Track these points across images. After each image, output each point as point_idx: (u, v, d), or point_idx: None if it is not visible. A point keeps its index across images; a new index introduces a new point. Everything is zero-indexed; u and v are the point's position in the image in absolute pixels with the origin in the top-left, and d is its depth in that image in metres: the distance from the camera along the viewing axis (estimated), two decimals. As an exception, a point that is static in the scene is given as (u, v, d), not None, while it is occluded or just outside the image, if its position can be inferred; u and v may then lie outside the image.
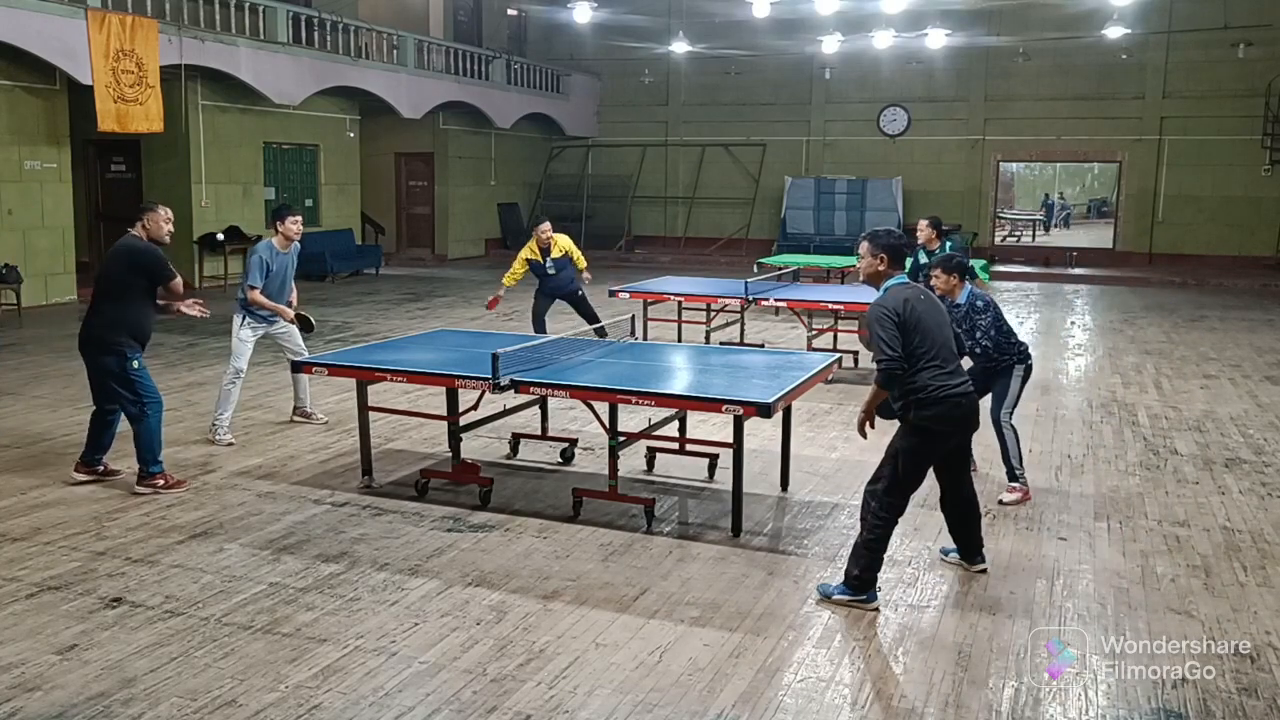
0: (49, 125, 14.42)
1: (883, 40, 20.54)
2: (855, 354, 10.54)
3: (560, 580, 5.01)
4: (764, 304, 10.46)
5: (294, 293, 7.94)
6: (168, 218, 6.30)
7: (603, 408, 5.80)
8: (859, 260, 4.89)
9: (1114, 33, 19.56)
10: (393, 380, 6.32)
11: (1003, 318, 6.28)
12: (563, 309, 10.65)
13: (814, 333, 10.60)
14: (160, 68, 14.20)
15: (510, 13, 25.17)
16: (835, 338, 10.86)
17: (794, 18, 20.71)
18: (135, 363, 6.18)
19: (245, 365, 7.54)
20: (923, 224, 8.69)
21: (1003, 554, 5.38)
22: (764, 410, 5.26)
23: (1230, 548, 5.56)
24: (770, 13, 17.92)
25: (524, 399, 6.80)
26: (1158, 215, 21.96)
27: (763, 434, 7.23)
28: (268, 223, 8.17)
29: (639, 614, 4.63)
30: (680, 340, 10.98)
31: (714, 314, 11.16)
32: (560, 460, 7.07)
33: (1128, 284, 19.59)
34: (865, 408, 4.81)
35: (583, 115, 25.35)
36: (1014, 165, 29.83)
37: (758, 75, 24.13)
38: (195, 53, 15.00)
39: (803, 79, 23.85)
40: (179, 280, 6.37)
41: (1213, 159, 21.22)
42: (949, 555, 5.27)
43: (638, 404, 5.60)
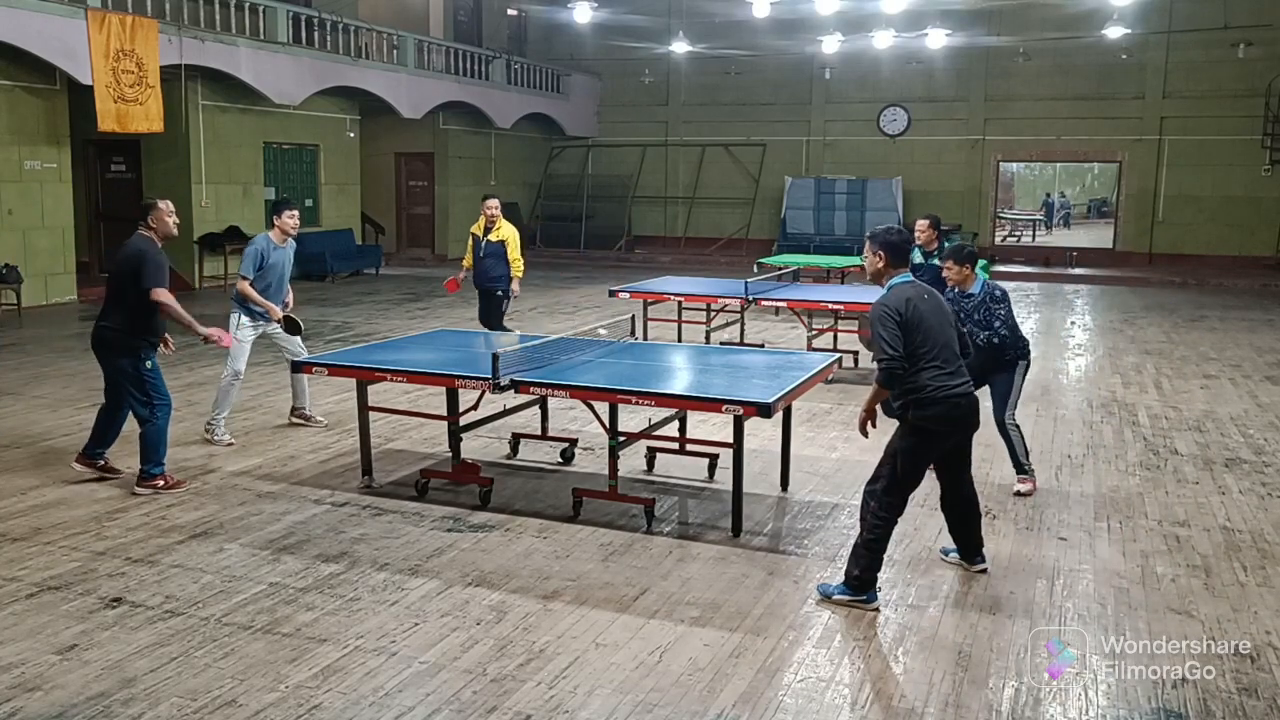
0: (49, 125, 14.42)
1: (883, 40, 20.55)
2: (855, 354, 10.54)
3: (560, 580, 5.01)
4: (764, 304, 10.47)
5: (290, 294, 7.93)
6: (170, 211, 6.37)
7: (603, 408, 5.80)
8: (864, 259, 4.92)
9: (1114, 33, 19.56)
10: (393, 380, 6.32)
11: (1013, 311, 6.30)
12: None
13: (814, 333, 10.60)
14: (160, 68, 14.21)
15: (510, 13, 25.17)
16: (835, 338, 10.86)
17: (794, 18, 20.72)
18: (149, 363, 6.24)
19: (243, 367, 7.54)
20: (922, 223, 8.23)
21: (1003, 554, 5.38)
22: (764, 410, 5.26)
23: (1230, 548, 5.56)
24: (770, 13, 17.92)
25: (524, 399, 6.80)
26: (1158, 215, 21.96)
27: (763, 434, 7.23)
28: (268, 223, 8.17)
29: (639, 614, 4.63)
30: (680, 340, 10.98)
31: (714, 314, 11.15)
32: (560, 460, 7.07)
33: (1128, 284, 19.58)
34: (866, 407, 4.82)
35: (583, 115, 25.34)
36: (1014, 165, 29.82)
37: (758, 75, 24.13)
38: (195, 53, 15.00)
39: (803, 79, 23.85)
40: (164, 293, 6.10)
41: (1213, 159, 21.21)
42: (949, 555, 5.27)
43: (638, 404, 5.60)
